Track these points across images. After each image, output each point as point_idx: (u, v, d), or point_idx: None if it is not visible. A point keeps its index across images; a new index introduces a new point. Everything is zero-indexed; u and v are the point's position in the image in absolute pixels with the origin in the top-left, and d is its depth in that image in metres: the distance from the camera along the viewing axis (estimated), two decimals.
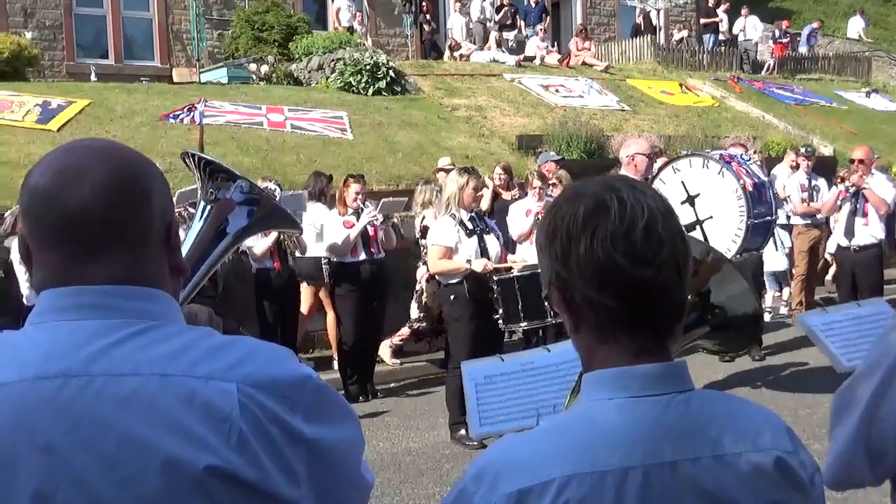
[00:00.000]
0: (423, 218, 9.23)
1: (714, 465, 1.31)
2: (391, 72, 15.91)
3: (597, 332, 1.37)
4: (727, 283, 2.07)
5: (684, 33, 23.14)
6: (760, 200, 7.15)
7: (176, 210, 6.97)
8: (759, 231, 7.17)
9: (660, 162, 8.05)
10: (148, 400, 1.25)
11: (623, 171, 7.20)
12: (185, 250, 1.88)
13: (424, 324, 9.20)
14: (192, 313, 1.99)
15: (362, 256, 8.29)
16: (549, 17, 21.81)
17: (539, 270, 1.47)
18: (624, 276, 1.32)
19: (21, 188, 1.38)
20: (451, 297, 6.81)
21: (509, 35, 20.99)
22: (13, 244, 7.24)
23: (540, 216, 8.41)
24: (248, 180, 2.02)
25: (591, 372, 1.39)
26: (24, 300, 7.06)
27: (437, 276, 7.05)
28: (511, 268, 7.15)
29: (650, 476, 1.29)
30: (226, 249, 1.99)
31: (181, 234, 1.52)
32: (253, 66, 16.35)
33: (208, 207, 1.98)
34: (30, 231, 1.36)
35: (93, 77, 16.72)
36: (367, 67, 15.63)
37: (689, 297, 1.44)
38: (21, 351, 1.30)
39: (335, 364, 8.83)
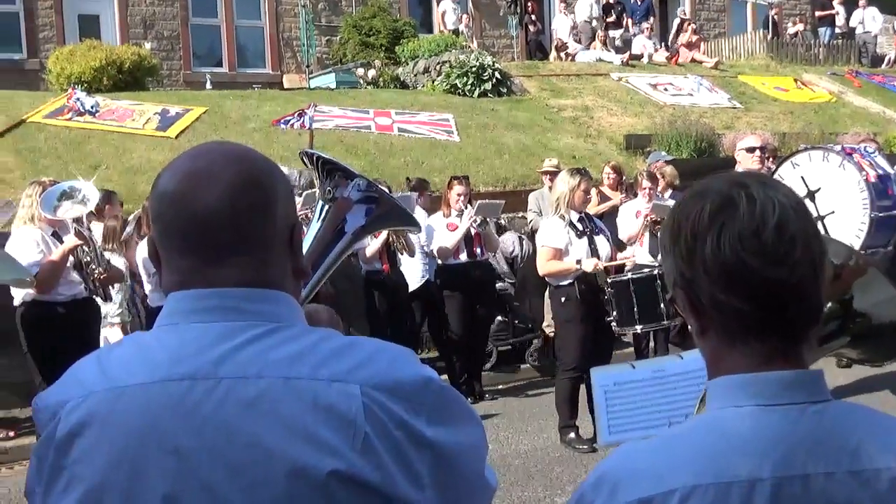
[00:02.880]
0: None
1: (850, 480, 1.24)
2: (497, 73, 15.91)
3: (724, 335, 1.31)
4: (872, 288, 1.91)
5: (799, 27, 22.40)
6: (885, 194, 6.82)
7: (303, 212, 7.04)
8: (884, 227, 6.83)
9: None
10: (272, 403, 1.26)
11: (739, 168, 7.03)
12: (304, 250, 1.89)
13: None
14: (312, 313, 1.99)
15: (463, 258, 8.30)
16: (656, 14, 21.43)
17: (655, 272, 1.42)
18: (753, 276, 1.26)
19: (151, 192, 1.41)
20: (562, 298, 6.75)
21: (615, 33, 20.72)
22: (138, 247, 7.53)
23: (649, 218, 8.27)
24: (366, 178, 1.99)
25: (717, 378, 1.33)
26: (149, 302, 7.33)
27: (546, 278, 7.00)
28: (623, 265, 7.05)
29: (779, 489, 1.23)
30: (345, 248, 1.98)
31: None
32: (360, 71, 16.59)
33: (326, 207, 1.96)
34: (158, 234, 1.38)
35: (208, 85, 17.26)
36: (473, 69, 15.66)
37: (829, 304, 1.36)
38: (150, 353, 1.33)
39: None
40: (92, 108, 12.68)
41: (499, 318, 9.21)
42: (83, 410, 1.31)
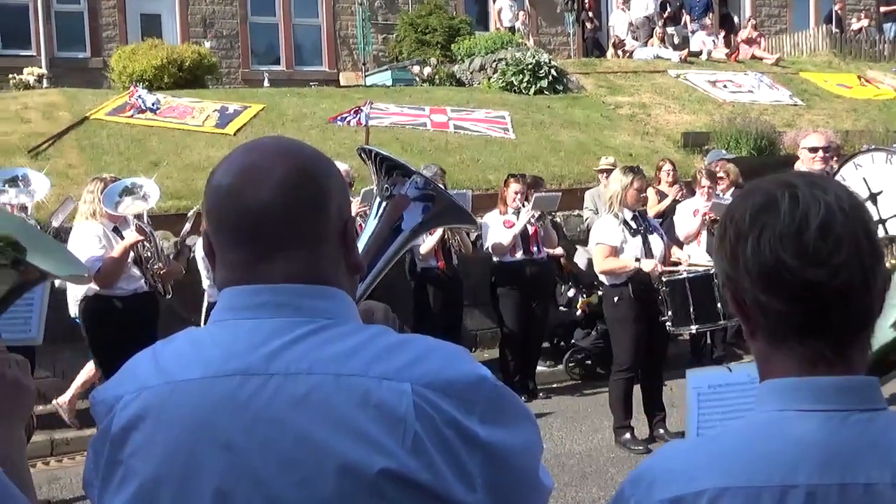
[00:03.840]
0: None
1: (893, 493, 1.20)
2: (553, 71, 15.82)
3: (770, 337, 1.29)
4: None
5: (864, 22, 21.89)
6: None
7: (361, 209, 7.07)
8: None
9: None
10: (323, 400, 1.26)
11: (801, 167, 6.89)
12: (361, 247, 1.88)
13: None
14: (368, 310, 1.99)
15: (520, 255, 8.27)
16: (715, 10, 21.13)
17: (712, 271, 1.40)
18: (793, 277, 1.23)
19: (205, 187, 1.41)
20: (615, 298, 6.70)
21: (674, 30, 20.47)
22: (196, 243, 7.64)
23: (708, 217, 8.16)
24: (424, 176, 1.98)
25: (765, 381, 1.30)
26: (206, 297, 7.43)
27: (601, 277, 6.94)
28: (678, 263, 6.96)
29: (813, 498, 1.20)
30: (402, 246, 1.97)
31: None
32: (416, 69, 16.63)
33: (384, 204, 1.95)
34: (212, 229, 1.39)
35: (266, 83, 17.45)
36: (529, 67, 15.60)
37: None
38: (204, 348, 1.34)
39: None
40: (153, 105, 12.90)
41: None
42: (138, 405, 1.32)
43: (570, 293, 8.93)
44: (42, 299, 2.52)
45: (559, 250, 9.09)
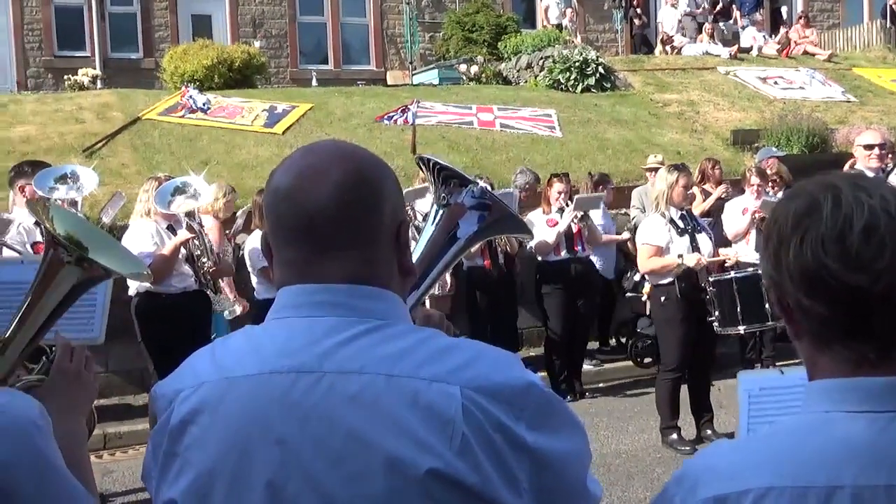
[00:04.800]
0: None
1: None
2: (600, 68, 15.74)
3: (815, 339, 1.29)
4: None
5: None
6: None
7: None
8: None
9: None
10: (373, 399, 1.28)
11: (858, 165, 6.80)
12: (417, 254, 1.91)
13: None
14: (425, 317, 2.02)
15: (564, 255, 8.26)
16: (765, 6, 20.83)
17: (759, 270, 1.39)
18: (835, 281, 1.23)
19: (265, 187, 1.46)
20: (662, 298, 6.65)
21: (724, 26, 20.23)
22: (246, 240, 7.74)
23: (758, 215, 8.07)
24: (480, 185, 2.01)
25: (812, 382, 1.31)
26: (255, 295, 7.52)
27: (646, 277, 6.90)
28: (725, 261, 6.89)
29: (860, 499, 1.19)
30: (457, 254, 2.00)
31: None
32: (463, 67, 16.65)
33: (440, 212, 1.98)
34: (270, 229, 1.43)
35: (314, 82, 17.59)
36: (576, 64, 15.54)
37: None
38: (260, 345, 1.38)
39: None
40: (204, 105, 13.09)
41: None
42: (196, 399, 1.37)
43: (636, 277, 8.85)
44: (104, 298, 2.58)
45: (626, 234, 9.11)
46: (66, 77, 16.13)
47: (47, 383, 1.81)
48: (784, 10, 22.50)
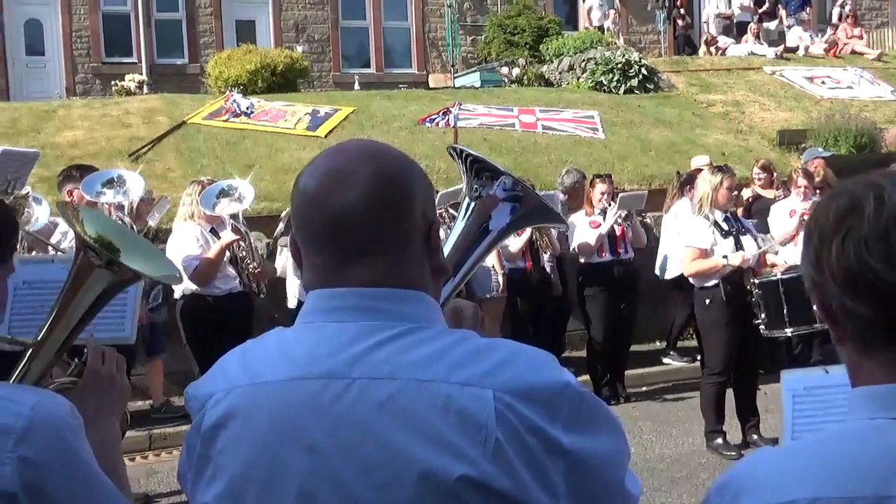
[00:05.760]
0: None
1: None
2: (643, 69, 15.61)
3: (859, 343, 1.25)
4: None
5: None
6: None
7: (438, 211, 7.14)
8: None
9: None
10: (404, 405, 1.26)
11: None
12: (448, 247, 1.88)
13: None
14: (457, 308, 2.00)
15: (607, 256, 8.19)
16: (812, 5, 20.51)
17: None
18: (880, 282, 1.18)
19: (292, 190, 1.43)
20: (706, 300, 6.56)
21: (769, 25, 19.95)
22: (288, 243, 7.78)
23: (805, 217, 7.94)
24: (513, 176, 1.98)
25: (855, 388, 1.27)
26: (295, 297, 7.56)
27: (691, 279, 6.82)
28: (774, 265, 6.79)
29: None
30: (490, 246, 1.97)
31: (441, 234, 1.52)
32: (505, 70, 16.61)
33: (472, 204, 1.95)
34: (299, 232, 1.41)
35: (356, 86, 17.67)
36: (619, 66, 15.43)
37: None
38: (290, 350, 1.36)
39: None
40: (247, 109, 13.20)
41: None
42: (227, 403, 1.36)
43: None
44: (135, 299, 2.62)
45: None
46: (113, 83, 16.39)
47: (80, 386, 1.82)
48: (835, 10, 22.14)
